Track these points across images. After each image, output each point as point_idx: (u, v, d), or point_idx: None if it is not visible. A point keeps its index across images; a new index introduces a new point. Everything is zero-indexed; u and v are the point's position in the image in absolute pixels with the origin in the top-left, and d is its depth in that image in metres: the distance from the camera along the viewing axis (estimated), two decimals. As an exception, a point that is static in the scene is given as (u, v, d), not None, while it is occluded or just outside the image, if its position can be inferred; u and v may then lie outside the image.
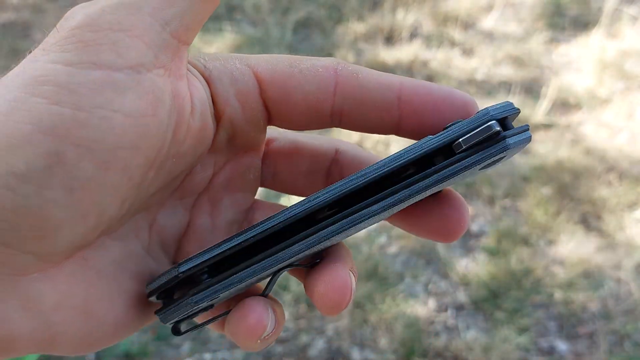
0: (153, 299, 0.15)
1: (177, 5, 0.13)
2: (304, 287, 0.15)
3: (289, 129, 0.16)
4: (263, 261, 0.14)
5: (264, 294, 0.16)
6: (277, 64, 0.15)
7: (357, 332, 1.00)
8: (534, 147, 1.37)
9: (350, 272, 0.15)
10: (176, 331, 0.16)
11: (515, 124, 0.15)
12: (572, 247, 1.12)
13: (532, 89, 1.57)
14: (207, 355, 0.98)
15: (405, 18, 1.78)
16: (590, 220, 1.18)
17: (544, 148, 1.35)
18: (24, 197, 0.11)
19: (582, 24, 1.79)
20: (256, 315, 0.14)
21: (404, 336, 0.97)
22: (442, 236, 0.15)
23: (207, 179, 0.16)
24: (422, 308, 1.04)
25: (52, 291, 0.13)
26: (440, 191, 0.16)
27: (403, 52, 1.65)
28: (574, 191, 1.23)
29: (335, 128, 0.16)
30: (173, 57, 0.13)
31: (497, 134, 0.13)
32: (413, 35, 1.75)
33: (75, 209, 0.12)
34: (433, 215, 0.15)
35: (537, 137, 1.43)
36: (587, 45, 1.70)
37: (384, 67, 1.62)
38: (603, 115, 1.47)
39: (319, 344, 0.99)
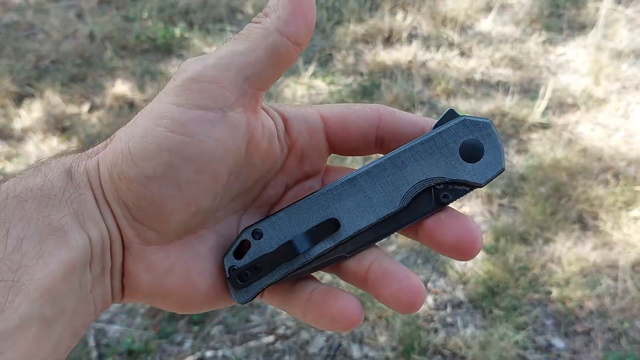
0: (229, 266, 0.20)
1: (257, 66, 0.18)
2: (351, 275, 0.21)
3: (344, 155, 0.22)
4: (318, 259, 0.20)
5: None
6: (337, 107, 0.21)
7: (356, 330, 1.01)
8: (531, 146, 1.38)
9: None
10: (242, 278, 0.20)
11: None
12: (569, 245, 1.13)
13: (529, 90, 1.58)
14: (209, 353, 0.98)
15: (404, 19, 1.79)
16: (587, 219, 1.19)
17: (541, 148, 1.36)
18: (150, 191, 0.18)
19: (579, 25, 1.81)
20: (357, 310, 0.19)
21: (403, 333, 0.98)
22: (458, 254, 0.19)
23: (279, 194, 0.22)
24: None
25: (166, 261, 0.19)
26: (447, 206, 0.20)
27: (402, 53, 1.66)
28: (570, 190, 1.24)
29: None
30: (250, 99, 0.19)
31: (455, 114, 0.20)
32: (412, 36, 1.76)
33: (182, 201, 0.18)
34: (450, 234, 0.19)
35: (534, 136, 1.45)
36: (583, 46, 1.71)
37: (383, 68, 1.63)
38: (599, 115, 1.48)
39: (319, 341, 1.00)
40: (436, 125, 0.20)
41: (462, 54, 1.68)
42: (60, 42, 1.74)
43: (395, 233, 0.21)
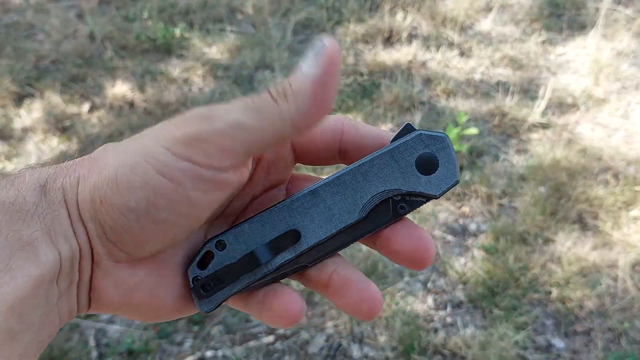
0: (192, 279, 0.21)
1: (261, 145, 0.18)
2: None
3: (309, 164, 0.22)
4: (273, 271, 0.20)
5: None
6: None
7: (356, 329, 1.01)
8: (531, 146, 1.38)
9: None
10: (203, 288, 0.21)
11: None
12: (569, 245, 1.13)
13: (529, 90, 1.58)
14: (209, 353, 0.99)
15: (404, 20, 1.79)
16: (586, 219, 1.19)
17: (541, 148, 1.37)
18: (129, 221, 0.18)
19: (579, 25, 1.81)
20: (299, 306, 0.20)
21: (403, 333, 0.98)
22: (412, 263, 0.20)
23: (245, 204, 0.23)
24: (421, 305, 1.05)
25: (135, 277, 0.19)
26: (404, 216, 0.21)
27: (402, 53, 1.66)
28: (570, 190, 1.24)
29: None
30: (245, 163, 0.19)
31: (412, 128, 0.21)
32: (412, 36, 1.76)
33: (159, 234, 0.19)
34: (405, 244, 0.20)
35: (534, 136, 1.45)
36: (583, 46, 1.71)
37: (383, 68, 1.64)
38: (599, 115, 1.48)
39: (319, 341, 1.00)
40: (394, 139, 0.21)
41: (462, 54, 1.68)
42: (60, 42, 1.74)
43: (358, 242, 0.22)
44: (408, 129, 0.21)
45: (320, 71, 0.18)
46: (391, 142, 0.21)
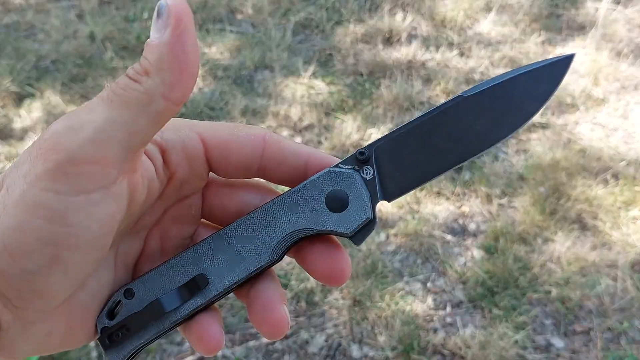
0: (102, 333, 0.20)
1: (140, 134, 0.16)
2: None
3: (223, 177, 0.21)
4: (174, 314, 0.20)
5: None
6: (220, 130, 0.20)
7: (356, 329, 1.01)
8: (531, 146, 1.39)
9: (284, 306, 0.20)
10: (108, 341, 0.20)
11: None
12: (569, 245, 1.13)
13: (529, 90, 1.58)
14: (209, 352, 0.99)
15: (404, 20, 1.79)
16: (586, 219, 1.19)
17: (541, 148, 1.37)
18: (34, 283, 0.16)
19: (578, 25, 1.81)
20: (216, 339, 0.19)
21: (402, 333, 0.98)
22: (328, 282, 0.20)
23: (157, 217, 0.21)
24: (420, 305, 1.05)
25: (46, 326, 0.18)
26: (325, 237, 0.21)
27: (401, 53, 1.66)
28: (570, 190, 1.24)
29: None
30: (132, 163, 0.17)
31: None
32: (411, 36, 1.77)
33: (69, 282, 0.17)
34: (321, 264, 0.20)
35: (534, 136, 1.45)
36: (582, 46, 1.72)
37: (383, 68, 1.64)
38: (598, 115, 1.48)
39: (319, 341, 1.00)
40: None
41: (462, 54, 1.68)
42: (60, 42, 1.74)
43: None
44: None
45: (171, 33, 0.16)
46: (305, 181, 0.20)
